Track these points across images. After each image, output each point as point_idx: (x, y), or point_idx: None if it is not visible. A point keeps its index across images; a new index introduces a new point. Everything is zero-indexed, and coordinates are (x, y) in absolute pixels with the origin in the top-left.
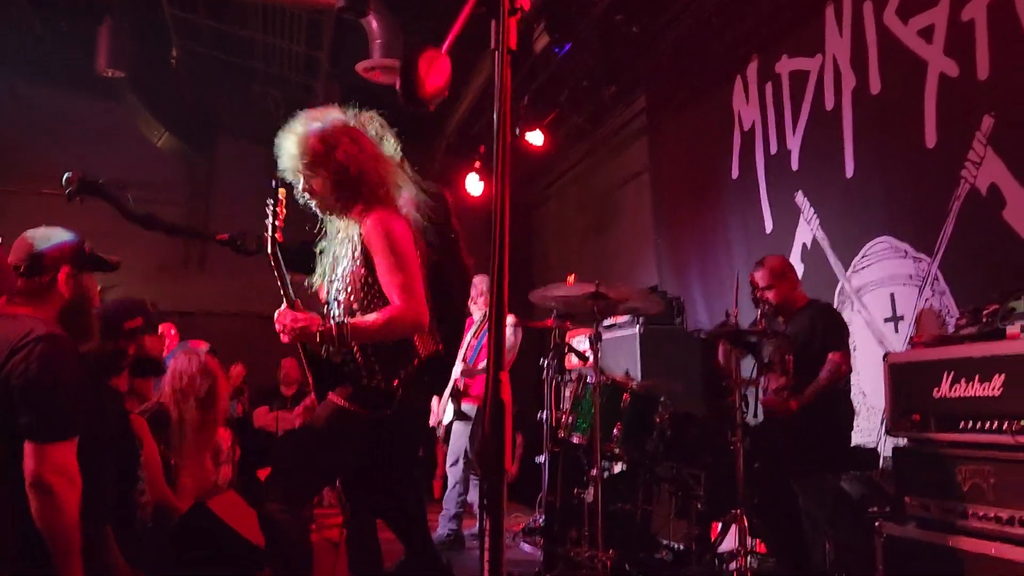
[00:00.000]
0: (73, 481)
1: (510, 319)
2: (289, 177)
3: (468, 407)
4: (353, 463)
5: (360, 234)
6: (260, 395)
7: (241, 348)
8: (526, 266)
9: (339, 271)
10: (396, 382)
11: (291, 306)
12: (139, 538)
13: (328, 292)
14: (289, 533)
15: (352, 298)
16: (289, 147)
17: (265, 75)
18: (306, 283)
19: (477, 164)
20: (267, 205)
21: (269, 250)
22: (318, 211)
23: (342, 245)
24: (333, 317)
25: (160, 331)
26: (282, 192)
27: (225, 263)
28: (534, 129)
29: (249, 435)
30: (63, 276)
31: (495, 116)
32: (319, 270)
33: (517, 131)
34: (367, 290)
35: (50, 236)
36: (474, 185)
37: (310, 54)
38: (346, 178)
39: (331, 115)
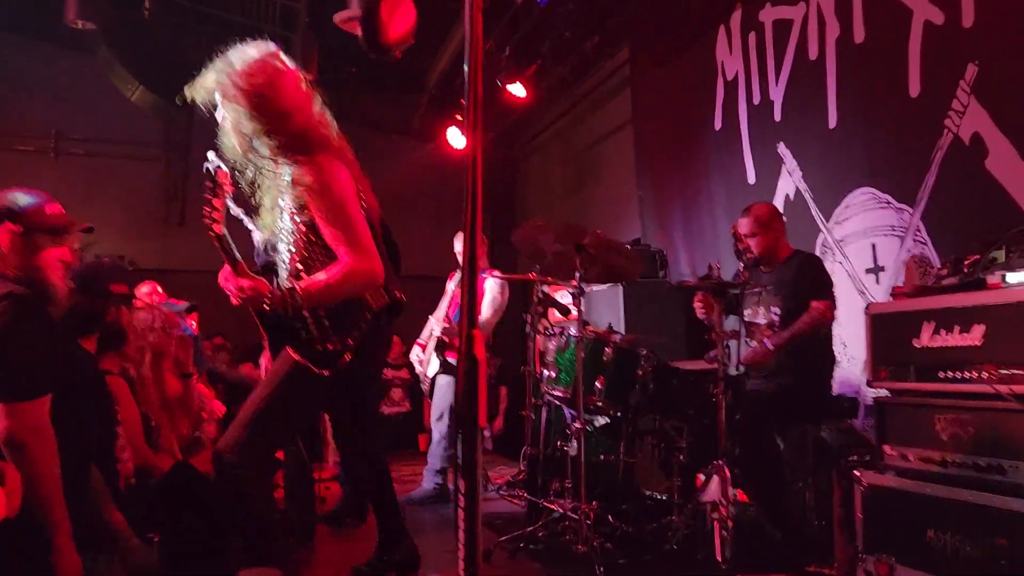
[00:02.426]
0: (46, 438)
1: (496, 274)
2: (219, 118)
3: (454, 360)
4: (311, 418)
5: (297, 184)
6: (245, 352)
7: (224, 305)
8: (509, 221)
9: (278, 227)
10: (351, 340)
11: (235, 269)
12: (121, 496)
13: (273, 251)
14: (244, 488)
15: (295, 256)
16: (220, 85)
17: (242, 27)
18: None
19: (459, 117)
20: (205, 192)
21: (212, 235)
22: (249, 161)
23: (278, 197)
24: (280, 281)
25: (144, 290)
26: (222, 176)
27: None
28: (515, 82)
29: (233, 392)
30: (4, 234)
31: (465, 67)
32: (261, 227)
33: (499, 83)
34: (310, 247)
35: (16, 199)
36: (456, 138)
37: (287, 4)
38: (281, 120)
39: (251, 51)
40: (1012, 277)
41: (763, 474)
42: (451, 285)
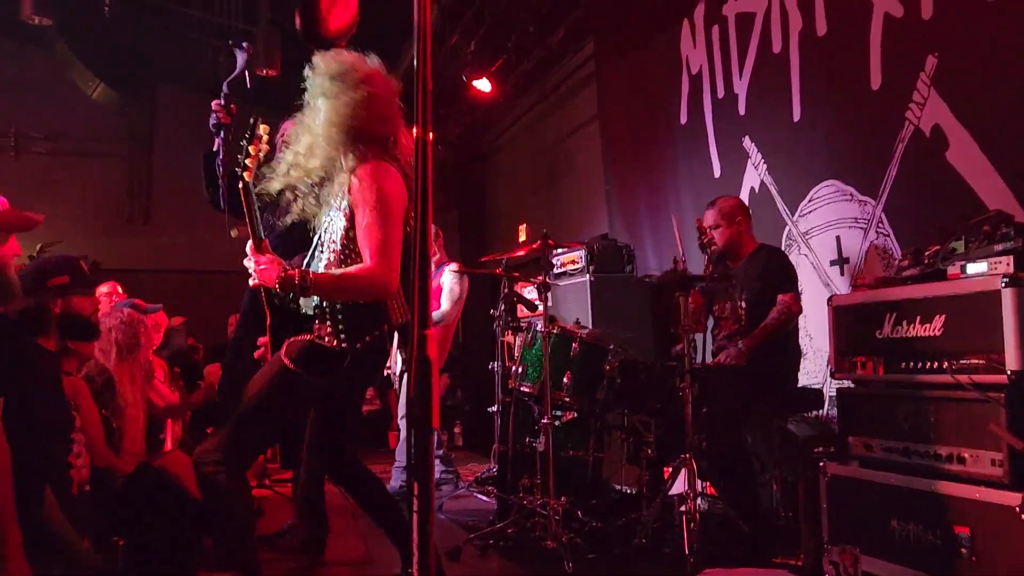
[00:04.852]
0: (0, 444)
1: (453, 266)
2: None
3: None
4: (297, 421)
5: (350, 184)
6: (211, 352)
7: (190, 304)
8: (478, 217)
9: (328, 221)
10: (359, 345)
11: (258, 246)
12: (74, 501)
13: (315, 240)
14: (225, 492)
15: (336, 255)
16: (326, 78)
17: (202, 22)
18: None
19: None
20: (242, 139)
21: (240, 185)
22: (315, 153)
23: (332, 194)
24: (302, 266)
25: (104, 290)
26: (263, 129)
27: (171, 219)
28: (481, 77)
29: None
30: None
31: (414, 60)
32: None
33: (465, 78)
34: (347, 245)
35: None
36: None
37: None
38: (368, 123)
39: (361, 61)
40: (971, 268)
41: (730, 467)
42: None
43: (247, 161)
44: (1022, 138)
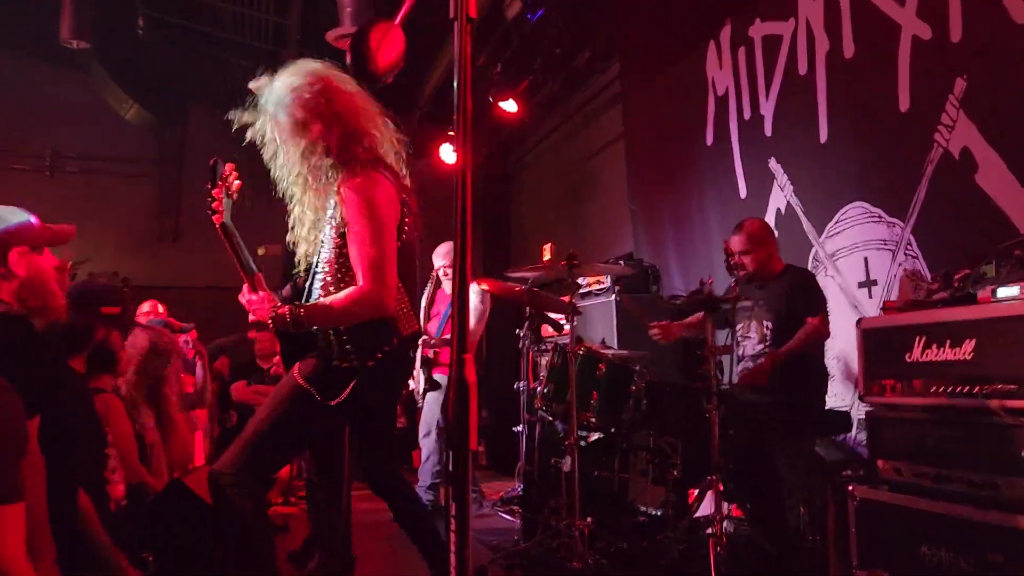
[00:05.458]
0: (34, 461)
1: (475, 286)
2: (267, 133)
3: (440, 376)
4: (311, 442)
5: (341, 198)
6: (237, 369)
7: (218, 321)
8: (503, 236)
9: (322, 238)
10: (370, 362)
11: (251, 282)
12: (110, 517)
13: (314, 263)
14: (240, 509)
15: (330, 272)
16: (275, 94)
17: (234, 44)
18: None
19: (451, 133)
20: (206, 185)
21: (218, 226)
22: (295, 174)
23: (322, 211)
24: (291, 300)
25: (145, 309)
26: (228, 168)
27: (200, 237)
28: (508, 98)
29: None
30: (14, 256)
31: (455, 88)
32: (300, 240)
33: (491, 99)
34: (342, 263)
35: (2, 217)
36: (449, 154)
37: (278, 22)
38: (334, 124)
39: (311, 64)
40: (1002, 292)
41: (757, 489)
42: (423, 301)
43: (213, 205)
44: None
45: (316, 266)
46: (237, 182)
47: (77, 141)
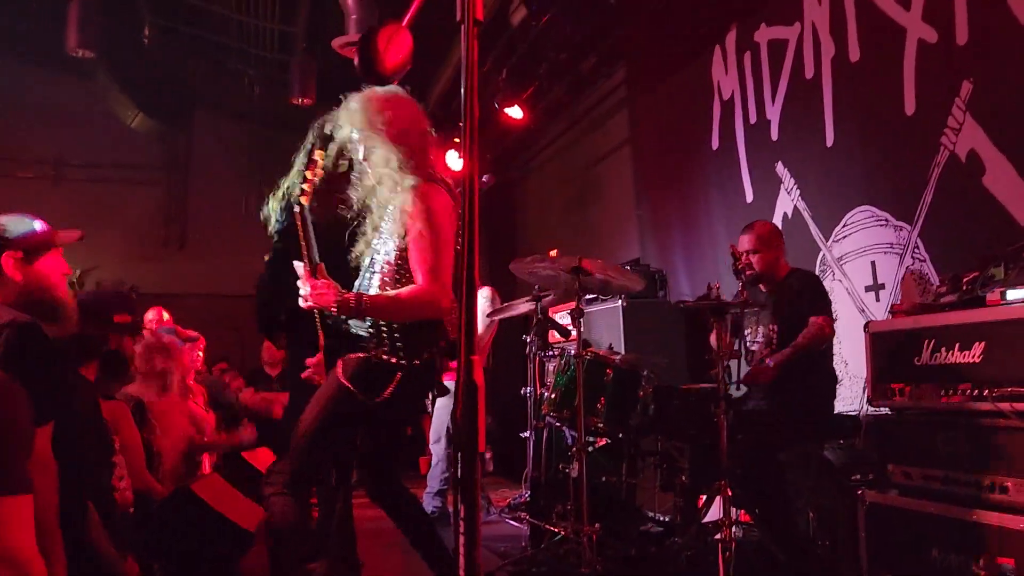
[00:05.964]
0: (48, 467)
1: (485, 291)
2: (347, 145)
3: (449, 382)
4: (349, 442)
5: (404, 207)
6: (244, 376)
7: (224, 328)
8: (508, 241)
9: (379, 243)
10: (416, 361)
11: (314, 271)
12: (117, 524)
13: (365, 262)
14: (279, 516)
15: (386, 272)
16: (353, 111)
17: (240, 52)
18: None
19: (457, 140)
20: (300, 165)
21: (296, 209)
22: (363, 182)
23: (386, 217)
24: (358, 288)
25: (150, 316)
26: (319, 154)
27: (206, 244)
28: (513, 104)
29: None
30: (9, 262)
31: (462, 91)
32: (361, 241)
33: (496, 105)
34: (401, 265)
35: (6, 227)
36: (454, 161)
37: (284, 30)
38: (404, 147)
39: (384, 87)
40: (1011, 294)
41: (766, 494)
42: None
43: (304, 186)
44: None
45: (373, 265)
46: (322, 171)
47: (83, 149)
